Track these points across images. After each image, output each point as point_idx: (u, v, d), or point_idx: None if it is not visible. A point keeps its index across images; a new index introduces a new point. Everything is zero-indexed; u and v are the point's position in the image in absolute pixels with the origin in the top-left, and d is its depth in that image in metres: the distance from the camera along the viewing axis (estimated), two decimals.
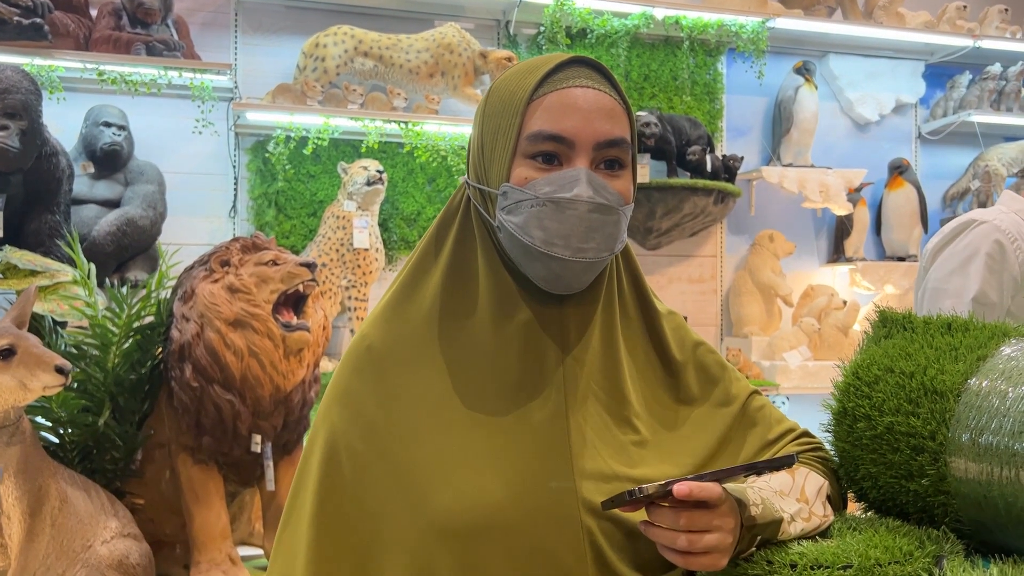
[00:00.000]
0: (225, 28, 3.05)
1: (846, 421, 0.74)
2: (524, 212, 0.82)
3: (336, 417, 0.88)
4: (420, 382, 0.85)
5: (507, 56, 2.97)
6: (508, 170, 0.84)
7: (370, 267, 2.93)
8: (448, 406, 0.84)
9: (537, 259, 0.83)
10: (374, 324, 0.91)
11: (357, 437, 0.85)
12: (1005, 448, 0.60)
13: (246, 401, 1.92)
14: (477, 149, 0.89)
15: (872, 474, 0.71)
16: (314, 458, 0.88)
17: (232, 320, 1.90)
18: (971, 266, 1.65)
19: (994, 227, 1.66)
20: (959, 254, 1.68)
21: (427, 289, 0.89)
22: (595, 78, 0.86)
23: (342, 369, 0.91)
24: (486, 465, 0.80)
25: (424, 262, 0.91)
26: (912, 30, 3.58)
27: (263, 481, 2.06)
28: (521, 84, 0.85)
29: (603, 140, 0.83)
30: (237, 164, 3.00)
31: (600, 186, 0.82)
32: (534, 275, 0.84)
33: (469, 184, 0.90)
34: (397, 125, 2.91)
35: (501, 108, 0.86)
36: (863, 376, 0.73)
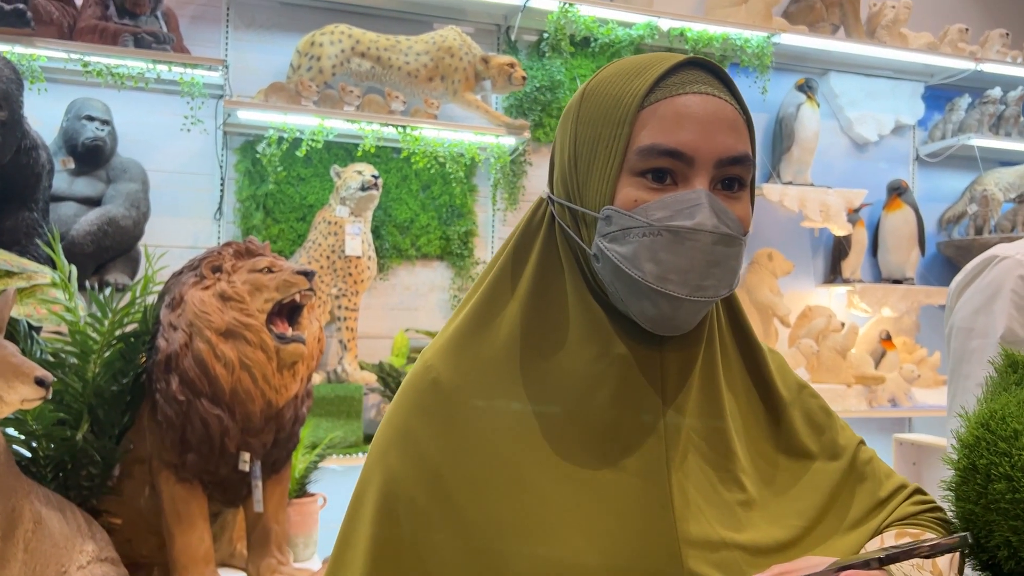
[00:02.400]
0: (216, 23, 2.93)
1: (976, 480, 0.65)
2: (633, 241, 0.70)
3: (395, 461, 0.75)
4: (495, 427, 0.73)
5: (510, 62, 2.88)
6: (613, 190, 0.72)
7: (362, 275, 2.82)
8: (528, 456, 0.72)
9: (646, 296, 0.71)
10: (442, 355, 0.78)
11: (420, 488, 0.73)
12: None
13: (235, 416, 1.81)
14: (568, 162, 0.76)
15: (1012, 543, 0.62)
16: (366, 508, 0.76)
17: (223, 330, 1.79)
18: (996, 304, 1.60)
19: (1017, 262, 1.61)
20: (983, 291, 1.64)
21: (504, 318, 0.77)
22: (714, 84, 0.74)
23: (401, 404, 0.78)
24: (574, 528, 0.68)
25: (500, 286, 0.78)
26: (914, 51, 3.55)
27: (249, 501, 1.95)
28: (628, 88, 0.73)
29: (726, 157, 0.71)
30: (225, 164, 2.88)
31: (722, 212, 0.70)
32: (638, 313, 0.72)
33: (554, 201, 0.78)
34: (395, 129, 2.81)
35: (603, 115, 0.73)
36: (997, 430, 0.64)
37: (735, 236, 0.71)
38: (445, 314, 3.11)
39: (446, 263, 3.12)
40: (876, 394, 3.33)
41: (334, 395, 2.68)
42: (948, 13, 3.96)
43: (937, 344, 3.75)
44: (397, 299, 3.07)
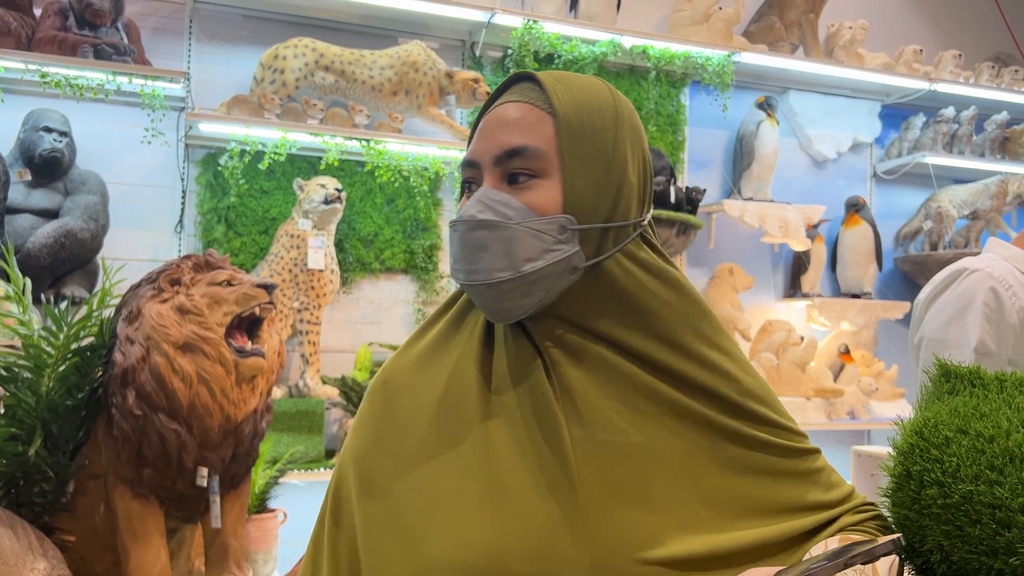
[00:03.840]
0: (178, 35, 2.91)
1: (911, 486, 0.66)
2: (452, 240, 0.80)
3: (347, 444, 0.87)
4: (418, 410, 0.81)
5: (474, 77, 2.90)
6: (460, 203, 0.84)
7: (324, 289, 2.81)
8: (439, 436, 0.78)
9: (467, 289, 0.79)
10: (393, 357, 0.89)
11: (354, 468, 0.82)
12: None
13: (193, 431, 1.79)
14: None
15: (943, 547, 0.64)
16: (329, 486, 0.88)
17: (181, 343, 1.77)
18: (968, 316, 1.62)
19: (987, 275, 1.62)
20: (954, 303, 1.65)
21: (441, 320, 0.88)
22: (524, 91, 0.80)
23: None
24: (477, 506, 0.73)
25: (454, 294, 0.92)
26: (870, 70, 3.63)
27: (207, 517, 1.93)
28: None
29: (500, 152, 0.77)
30: (186, 177, 2.86)
31: (494, 202, 0.76)
32: (477, 305, 0.80)
33: None
34: (358, 143, 2.81)
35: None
36: (930, 437, 0.66)
37: (497, 221, 0.75)
38: (409, 328, 3.11)
39: (410, 276, 3.12)
40: (835, 407, 3.38)
41: (295, 410, 2.66)
42: (903, 34, 4.06)
43: (895, 357, 3.81)
44: (360, 313, 3.06)
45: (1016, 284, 1.59)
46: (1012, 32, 4.39)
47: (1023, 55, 4.38)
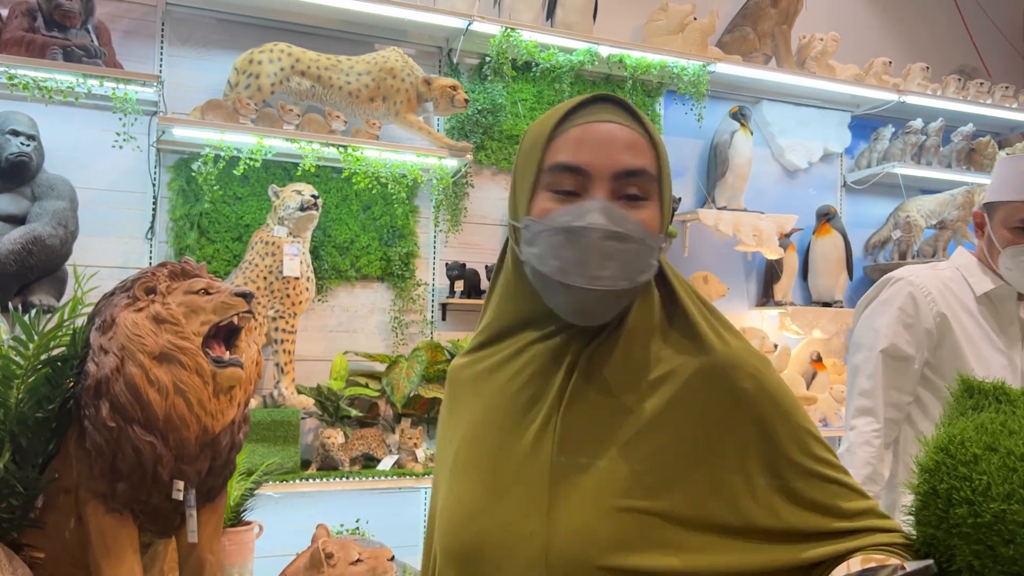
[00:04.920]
0: (150, 38, 2.86)
1: (938, 504, 0.66)
2: (543, 243, 0.83)
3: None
4: (467, 406, 0.95)
5: (452, 84, 2.89)
6: (529, 203, 0.86)
7: (300, 297, 2.77)
8: (475, 432, 0.92)
9: (557, 289, 0.83)
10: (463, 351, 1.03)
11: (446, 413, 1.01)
12: None
13: (169, 443, 1.74)
14: (511, 187, 0.92)
15: (974, 567, 0.63)
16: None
17: (157, 353, 1.73)
18: (883, 319, 1.72)
19: (908, 282, 1.73)
20: (875, 309, 1.77)
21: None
22: (618, 113, 0.87)
23: None
24: (467, 477, 0.89)
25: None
26: (841, 82, 3.68)
27: (182, 531, 1.88)
28: (548, 121, 0.87)
29: (621, 170, 0.83)
30: (158, 182, 2.80)
31: (615, 215, 0.82)
32: (557, 306, 0.85)
33: (509, 223, 0.94)
34: (336, 149, 2.78)
35: (529, 145, 0.88)
36: (957, 454, 0.65)
37: (626, 234, 0.82)
38: (385, 336, 3.08)
39: (387, 284, 3.09)
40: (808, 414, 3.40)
41: (270, 420, 2.62)
42: (873, 46, 4.13)
43: None
44: (336, 321, 3.02)
45: (938, 292, 1.68)
46: (976, 46, 4.48)
47: (986, 69, 4.47)
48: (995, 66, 4.51)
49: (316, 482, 2.61)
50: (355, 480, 2.66)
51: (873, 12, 4.24)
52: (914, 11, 4.34)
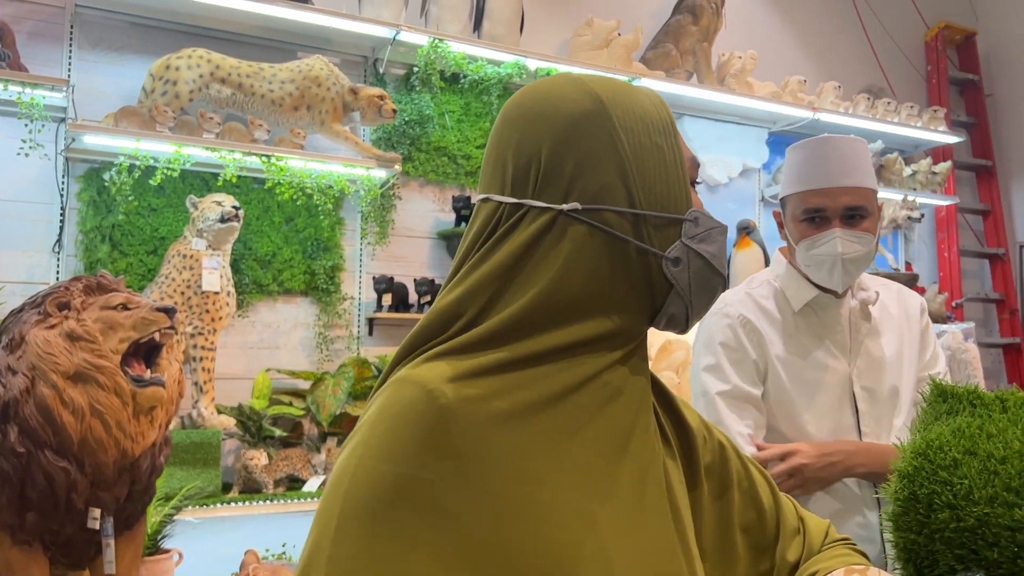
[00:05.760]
0: (58, 41, 2.71)
1: (918, 510, 0.65)
2: (717, 240, 0.77)
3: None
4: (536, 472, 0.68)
5: (380, 94, 2.83)
6: (689, 194, 0.77)
7: (219, 312, 2.66)
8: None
9: (711, 292, 0.76)
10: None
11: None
12: None
13: (84, 469, 1.64)
14: (630, 167, 0.72)
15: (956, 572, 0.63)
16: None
17: (72, 373, 1.63)
18: (710, 359, 1.54)
19: (723, 315, 1.57)
20: (700, 350, 1.58)
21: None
22: None
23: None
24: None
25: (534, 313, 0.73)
26: (759, 99, 3.78)
27: (98, 561, 1.77)
28: (649, 104, 0.76)
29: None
30: (66, 193, 2.65)
31: None
32: (698, 310, 0.76)
33: (586, 211, 0.71)
34: (258, 158, 2.69)
35: (645, 126, 0.74)
36: (936, 459, 0.65)
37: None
38: (309, 353, 2.98)
39: (311, 299, 3.00)
40: None
41: (189, 441, 2.50)
42: (788, 65, 4.26)
43: None
44: (257, 337, 2.92)
45: (755, 315, 1.54)
46: (882, 67, 4.68)
47: (891, 88, 4.67)
48: (899, 86, 4.72)
49: (239, 506, 2.50)
50: (280, 503, 2.56)
51: (788, 32, 4.38)
52: (825, 32, 4.50)
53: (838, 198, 1.47)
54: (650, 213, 0.72)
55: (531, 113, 0.75)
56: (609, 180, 0.72)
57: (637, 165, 0.72)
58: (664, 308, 0.74)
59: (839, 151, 1.50)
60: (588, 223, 0.71)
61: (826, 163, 1.49)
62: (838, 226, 1.47)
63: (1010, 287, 4.85)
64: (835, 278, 1.48)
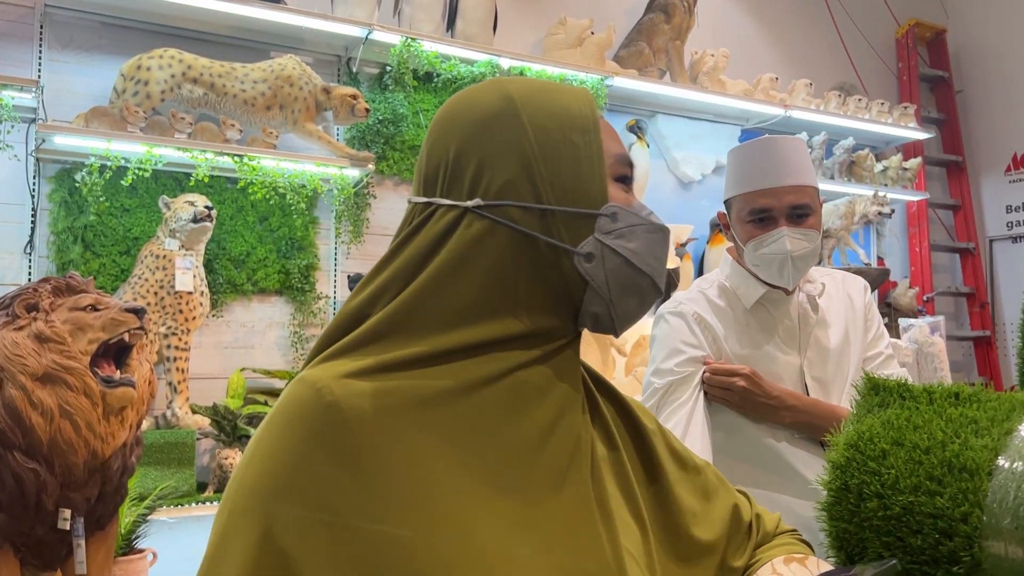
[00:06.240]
0: (27, 41, 2.70)
1: (849, 499, 0.68)
2: (640, 237, 0.73)
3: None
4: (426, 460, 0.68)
5: (352, 93, 2.84)
6: (605, 190, 0.73)
7: (193, 312, 2.66)
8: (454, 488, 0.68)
9: (638, 292, 0.73)
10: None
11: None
12: None
13: (54, 470, 1.65)
14: (535, 163, 0.71)
15: (884, 558, 0.66)
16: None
17: (40, 374, 1.63)
18: (670, 362, 1.53)
19: (680, 314, 1.57)
20: (655, 347, 1.58)
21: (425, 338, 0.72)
22: None
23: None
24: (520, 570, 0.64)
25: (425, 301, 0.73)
26: (731, 96, 3.82)
27: (69, 562, 1.77)
28: (572, 101, 0.75)
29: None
30: (37, 194, 2.64)
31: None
32: (623, 310, 0.73)
33: (494, 207, 0.71)
34: (231, 158, 2.69)
35: (559, 122, 0.73)
36: (866, 450, 0.67)
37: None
38: (284, 352, 2.99)
39: (285, 298, 3.00)
40: None
41: (164, 441, 2.50)
42: (761, 63, 4.30)
43: None
44: (232, 337, 2.92)
45: (708, 312, 1.56)
46: (854, 64, 4.73)
47: (863, 86, 4.73)
48: (871, 83, 4.78)
49: (213, 505, 2.50)
50: None
51: (760, 30, 4.42)
52: (797, 30, 4.55)
53: (783, 197, 1.49)
54: (558, 208, 0.71)
55: (447, 117, 0.76)
56: (514, 176, 0.71)
57: (545, 161, 0.71)
58: (584, 307, 0.72)
59: (781, 151, 1.52)
60: (492, 219, 0.70)
61: (769, 164, 1.50)
62: (785, 225, 1.49)
63: (980, 281, 4.93)
64: (785, 275, 1.51)
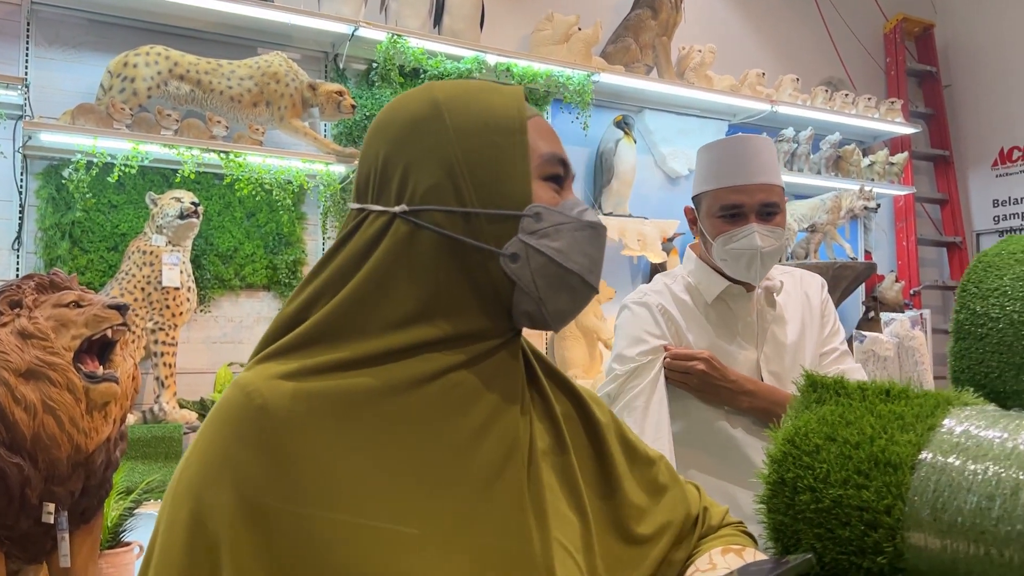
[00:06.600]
0: (14, 38, 2.71)
1: (785, 492, 0.70)
2: (566, 236, 0.74)
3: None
4: (351, 458, 0.69)
5: (339, 90, 2.86)
6: (530, 191, 0.74)
7: (180, 308, 2.68)
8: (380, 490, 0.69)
9: (568, 289, 0.74)
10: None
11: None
12: (972, 525, 0.59)
13: (38, 465, 1.67)
14: (457, 167, 0.73)
15: (816, 549, 0.68)
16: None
17: (24, 370, 1.65)
18: (634, 349, 1.55)
19: (645, 304, 1.60)
20: (618, 337, 1.61)
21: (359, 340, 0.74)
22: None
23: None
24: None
25: (356, 308, 0.74)
26: (718, 92, 3.84)
27: (54, 556, 1.79)
28: (500, 102, 0.76)
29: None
30: (25, 190, 2.66)
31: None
32: (554, 308, 0.74)
33: (421, 212, 0.73)
34: (217, 155, 2.71)
35: (484, 125, 0.74)
36: (801, 445, 0.70)
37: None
38: None
39: (273, 293, 3.02)
40: None
41: (151, 436, 2.52)
42: (747, 58, 4.32)
43: None
44: (220, 332, 2.94)
45: (671, 305, 1.59)
46: (842, 59, 4.76)
47: (851, 80, 4.75)
48: (859, 78, 4.80)
49: None
50: None
51: (747, 25, 4.44)
52: (785, 25, 4.57)
53: (755, 195, 1.52)
54: (481, 211, 0.72)
55: (379, 123, 0.78)
56: (437, 181, 0.73)
57: (468, 165, 0.73)
58: (515, 306, 0.74)
59: (753, 150, 1.55)
60: (418, 224, 0.72)
61: (741, 162, 1.53)
62: (755, 221, 1.52)
63: None
64: (753, 271, 1.53)
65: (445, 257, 0.72)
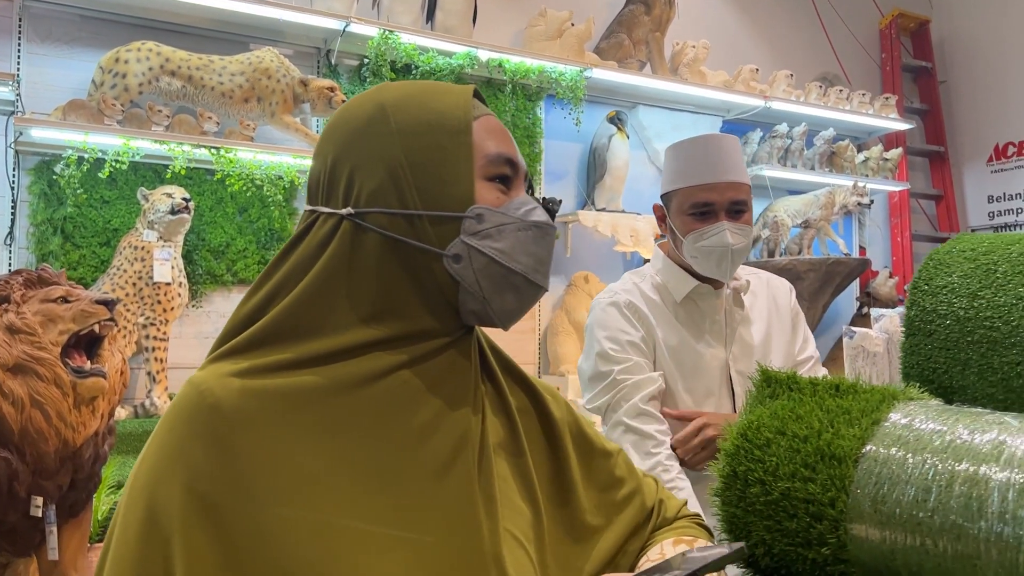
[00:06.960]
0: (6, 35, 2.72)
1: (737, 485, 0.72)
2: (509, 236, 0.74)
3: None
4: (295, 454, 0.70)
5: (330, 86, 2.87)
6: (472, 192, 0.74)
7: (172, 303, 2.69)
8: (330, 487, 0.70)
9: (513, 289, 0.75)
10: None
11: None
12: (909, 516, 0.60)
13: (26, 459, 1.68)
14: (400, 170, 0.74)
15: (766, 541, 0.69)
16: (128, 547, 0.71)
17: (11, 365, 1.67)
18: (601, 344, 1.59)
19: (614, 303, 1.61)
20: (590, 335, 1.63)
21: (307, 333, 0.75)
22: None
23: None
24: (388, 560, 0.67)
25: (305, 310, 0.75)
26: (712, 88, 3.84)
27: (43, 549, 1.81)
28: (447, 103, 0.77)
29: (525, 168, 0.82)
30: (16, 186, 2.67)
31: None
32: (499, 307, 0.75)
33: (366, 214, 0.74)
34: (208, 151, 2.72)
35: (429, 126, 0.75)
36: (753, 438, 0.71)
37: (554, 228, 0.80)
38: None
39: None
40: None
41: (142, 430, 2.54)
42: (741, 54, 4.32)
43: None
44: (212, 327, 2.95)
45: (641, 302, 1.59)
46: (837, 55, 4.76)
47: (846, 76, 4.76)
48: (854, 74, 4.81)
49: None
50: None
51: (741, 21, 4.44)
52: (780, 21, 4.57)
53: (724, 193, 1.53)
54: (424, 212, 0.73)
55: (330, 126, 0.79)
56: (381, 183, 0.74)
57: (411, 167, 0.74)
58: (461, 306, 0.75)
59: (722, 148, 1.56)
60: (363, 226, 0.73)
61: (711, 160, 1.54)
62: (725, 219, 1.53)
63: None
64: (723, 268, 1.54)
65: (390, 258, 0.73)
